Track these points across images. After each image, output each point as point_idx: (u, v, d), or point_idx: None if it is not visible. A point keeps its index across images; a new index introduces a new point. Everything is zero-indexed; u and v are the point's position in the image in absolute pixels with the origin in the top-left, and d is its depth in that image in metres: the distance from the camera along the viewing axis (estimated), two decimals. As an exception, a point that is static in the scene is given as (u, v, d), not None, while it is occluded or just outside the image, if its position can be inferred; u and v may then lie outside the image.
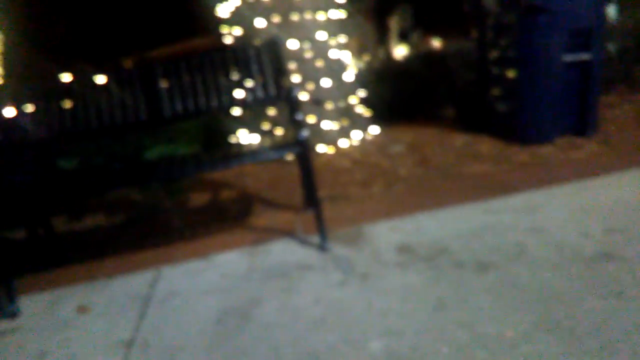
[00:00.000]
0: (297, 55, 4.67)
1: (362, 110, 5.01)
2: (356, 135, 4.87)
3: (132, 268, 2.58)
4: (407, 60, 7.11)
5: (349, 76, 4.96)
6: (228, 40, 4.90)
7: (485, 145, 3.88)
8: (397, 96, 5.34)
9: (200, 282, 2.32)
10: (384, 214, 2.72)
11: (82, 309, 2.24)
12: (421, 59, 6.66)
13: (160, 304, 2.17)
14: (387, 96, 5.25)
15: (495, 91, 3.98)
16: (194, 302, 2.13)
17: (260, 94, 2.88)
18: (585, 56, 3.55)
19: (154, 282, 2.38)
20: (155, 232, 3.08)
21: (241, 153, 2.64)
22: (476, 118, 4.33)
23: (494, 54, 3.94)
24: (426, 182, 3.25)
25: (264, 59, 2.90)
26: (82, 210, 3.48)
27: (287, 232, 2.69)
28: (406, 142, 4.44)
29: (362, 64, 6.45)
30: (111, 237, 3.16)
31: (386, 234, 2.49)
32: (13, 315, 2.28)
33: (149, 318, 2.06)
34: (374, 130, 5.01)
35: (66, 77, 2.83)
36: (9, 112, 2.83)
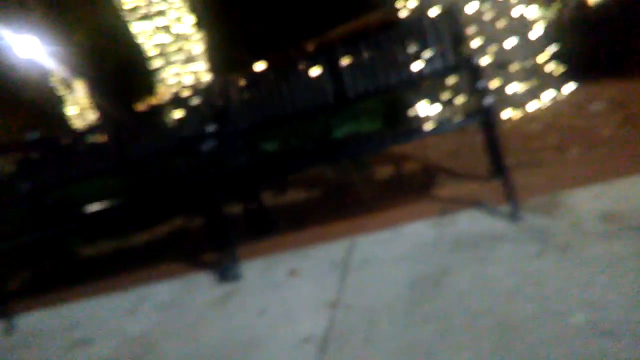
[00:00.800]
0: (478, 18, 4.47)
1: (553, 68, 4.59)
2: (547, 96, 4.50)
3: (330, 237, 2.84)
4: (603, 5, 6.24)
5: (535, 32, 4.58)
6: (403, 14, 4.91)
7: None
8: (594, 48, 4.75)
9: (391, 250, 2.45)
10: (583, 181, 2.51)
11: (292, 273, 2.56)
12: (619, 3, 5.78)
13: (357, 270, 2.37)
14: (581, 49, 4.71)
15: None
16: (387, 269, 2.27)
17: (439, 64, 2.87)
18: None
19: (349, 250, 2.59)
20: (347, 205, 3.32)
21: (423, 125, 2.68)
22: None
23: None
24: (633, 143, 2.88)
25: (441, 28, 2.87)
26: (284, 186, 3.91)
27: (474, 202, 2.66)
28: (607, 98, 3.96)
29: (550, 16, 5.86)
30: (309, 209, 3.51)
31: (586, 201, 2.30)
32: (236, 278, 2.71)
33: (348, 282, 2.27)
34: (568, 88, 4.57)
35: (260, 67, 3.18)
36: (220, 103, 3.31)
